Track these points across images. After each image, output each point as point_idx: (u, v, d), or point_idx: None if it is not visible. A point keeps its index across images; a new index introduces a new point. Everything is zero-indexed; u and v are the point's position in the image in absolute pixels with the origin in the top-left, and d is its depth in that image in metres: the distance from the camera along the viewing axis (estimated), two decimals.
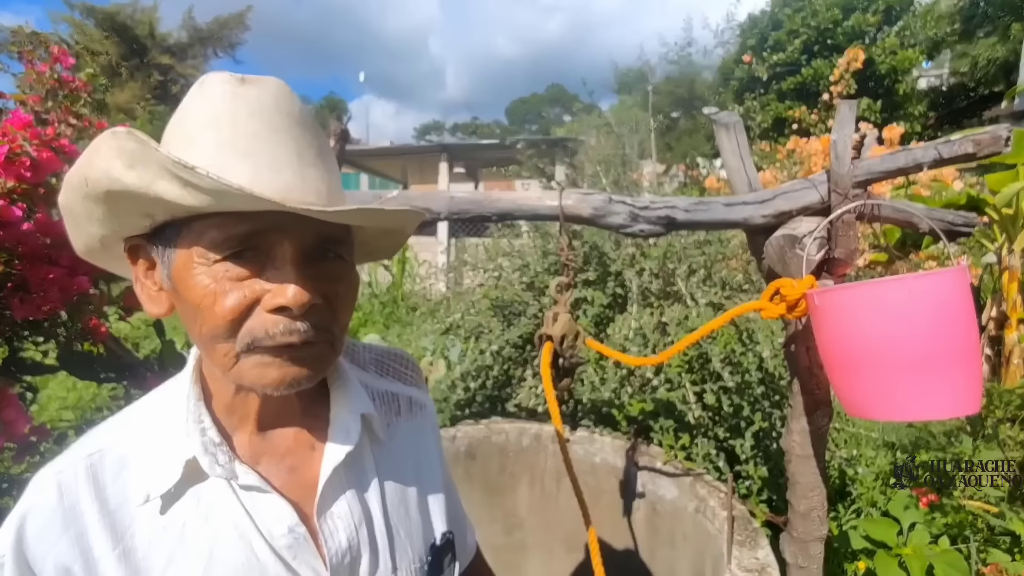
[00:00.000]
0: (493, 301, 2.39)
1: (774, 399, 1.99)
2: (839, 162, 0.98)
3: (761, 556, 1.30)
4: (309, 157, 0.48)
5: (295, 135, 0.48)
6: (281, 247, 0.46)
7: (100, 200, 0.46)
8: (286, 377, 0.48)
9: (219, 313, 0.45)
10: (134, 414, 0.55)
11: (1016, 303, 3.22)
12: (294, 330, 0.46)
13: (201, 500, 0.51)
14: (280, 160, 0.46)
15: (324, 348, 0.50)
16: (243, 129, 0.45)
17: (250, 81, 0.47)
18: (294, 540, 0.52)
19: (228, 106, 0.46)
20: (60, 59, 1.34)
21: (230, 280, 0.45)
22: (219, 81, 0.47)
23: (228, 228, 0.45)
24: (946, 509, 1.78)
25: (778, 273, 1.10)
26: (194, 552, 0.49)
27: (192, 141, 0.45)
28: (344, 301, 0.52)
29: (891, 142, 5.17)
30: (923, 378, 0.81)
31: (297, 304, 0.45)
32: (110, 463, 0.50)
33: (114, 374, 1.33)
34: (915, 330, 0.80)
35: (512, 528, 1.95)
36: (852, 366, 0.88)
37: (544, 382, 1.21)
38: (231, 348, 0.47)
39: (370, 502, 0.58)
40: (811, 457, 1.22)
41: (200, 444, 0.50)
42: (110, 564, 0.47)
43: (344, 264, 0.52)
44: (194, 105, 0.47)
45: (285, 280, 0.46)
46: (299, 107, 0.49)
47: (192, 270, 0.46)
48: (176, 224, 0.47)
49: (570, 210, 1.17)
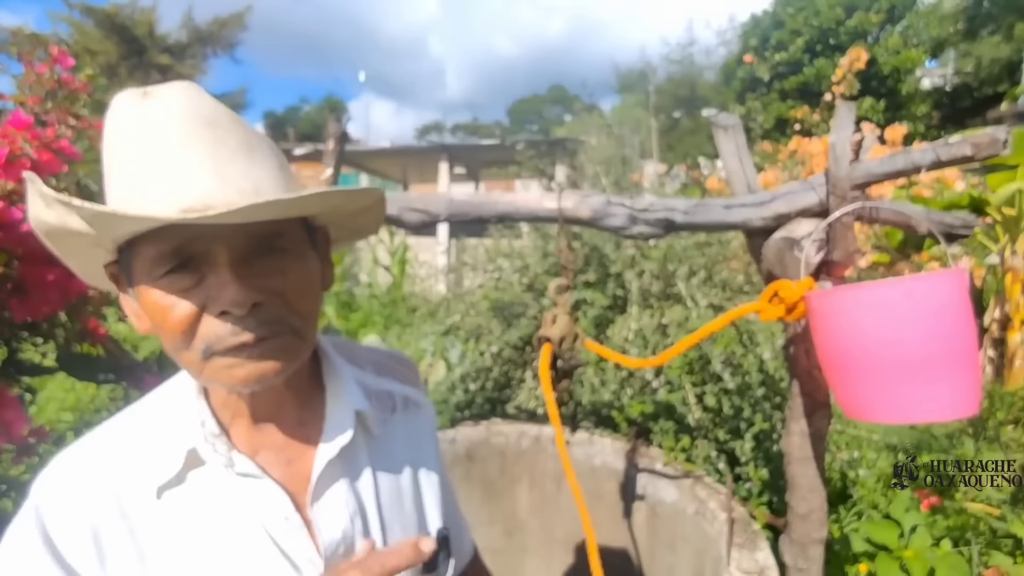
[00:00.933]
0: (493, 302, 2.39)
1: (775, 401, 1.99)
2: (837, 164, 0.98)
3: (761, 558, 1.30)
4: (225, 155, 0.48)
5: (205, 138, 0.47)
6: (215, 252, 0.47)
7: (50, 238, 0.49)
8: (253, 374, 0.49)
9: (171, 326, 0.47)
10: (141, 408, 0.58)
11: (1019, 304, 3.21)
12: (243, 330, 0.47)
13: (201, 488, 0.53)
14: (192, 167, 0.46)
15: (287, 339, 0.50)
16: (151, 146, 0.46)
17: (151, 94, 0.47)
18: (289, 527, 0.54)
19: (133, 124, 0.47)
20: (59, 60, 1.34)
21: (174, 293, 0.47)
22: (121, 101, 0.47)
23: (160, 245, 0.46)
24: (948, 512, 1.77)
25: (777, 275, 1.09)
26: (194, 537, 0.52)
27: (112, 168, 0.48)
28: (296, 291, 0.51)
29: (894, 143, 5.15)
30: (921, 380, 0.81)
31: (236, 306, 0.46)
32: (118, 453, 0.54)
33: (113, 375, 1.33)
34: (913, 332, 0.80)
35: (512, 531, 1.95)
36: (850, 368, 0.88)
37: (543, 384, 1.21)
38: (193, 356, 0.49)
39: (364, 495, 0.60)
40: (810, 459, 1.22)
41: (200, 435, 0.53)
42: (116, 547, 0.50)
43: (289, 255, 0.52)
44: (107, 130, 0.48)
45: (223, 284, 0.47)
46: (209, 107, 0.49)
47: (144, 287, 0.48)
48: (124, 249, 0.49)
49: (569, 212, 1.17)
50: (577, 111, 7.42)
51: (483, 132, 41.26)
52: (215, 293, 0.47)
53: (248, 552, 0.53)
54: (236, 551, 0.52)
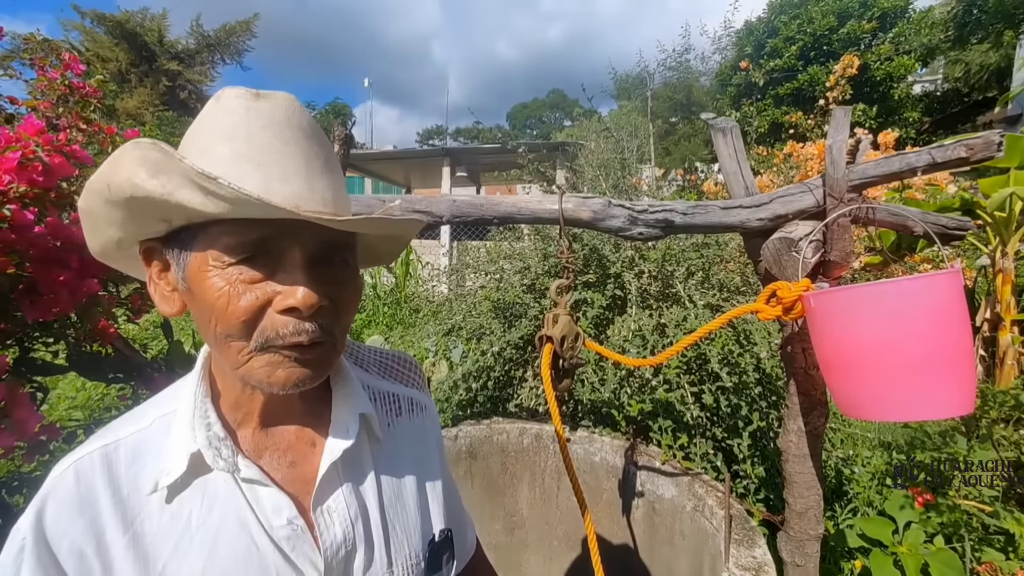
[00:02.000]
0: (494, 303, 2.41)
1: (771, 399, 2.01)
2: (834, 166, 1.01)
3: (758, 554, 1.32)
4: (316, 167, 0.51)
5: (303, 147, 0.50)
6: (291, 252, 0.49)
7: (121, 205, 0.48)
8: (291, 377, 0.50)
9: (233, 314, 0.48)
10: (148, 409, 0.58)
11: (1010, 305, 3.26)
12: (303, 330, 0.49)
13: (206, 491, 0.53)
14: (289, 170, 0.49)
15: (327, 349, 0.53)
16: (256, 141, 0.48)
17: (263, 96, 0.50)
18: (292, 532, 0.54)
19: (243, 119, 0.48)
20: (71, 66, 1.36)
21: (243, 283, 0.48)
22: (234, 96, 0.49)
23: (241, 234, 0.47)
24: (941, 508, 1.79)
25: (775, 275, 1.12)
26: (198, 540, 0.52)
27: (207, 152, 0.48)
28: (347, 304, 0.55)
29: (886, 147, 5.21)
30: (917, 379, 0.83)
31: (306, 305, 0.48)
32: (124, 454, 0.53)
33: (122, 375, 1.34)
34: (909, 331, 0.82)
35: (513, 527, 1.97)
36: (847, 367, 0.90)
37: (544, 383, 1.23)
38: (244, 347, 0.49)
39: (367, 498, 0.61)
40: (807, 456, 1.24)
41: (205, 438, 0.53)
42: (120, 548, 0.50)
43: (348, 269, 0.55)
44: (211, 118, 0.49)
45: (295, 283, 0.48)
46: (308, 120, 0.52)
47: (207, 272, 0.49)
48: (192, 228, 0.49)
49: (570, 213, 1.19)
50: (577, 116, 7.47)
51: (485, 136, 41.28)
52: (286, 290, 0.48)
53: (251, 556, 0.53)
54: (239, 555, 0.52)
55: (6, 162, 1.10)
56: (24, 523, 0.49)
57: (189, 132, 0.51)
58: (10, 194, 1.12)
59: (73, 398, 3.04)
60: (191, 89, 21.05)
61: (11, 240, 1.11)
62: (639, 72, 18.35)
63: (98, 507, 0.50)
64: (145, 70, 19.40)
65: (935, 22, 14.38)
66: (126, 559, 0.50)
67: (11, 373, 1.17)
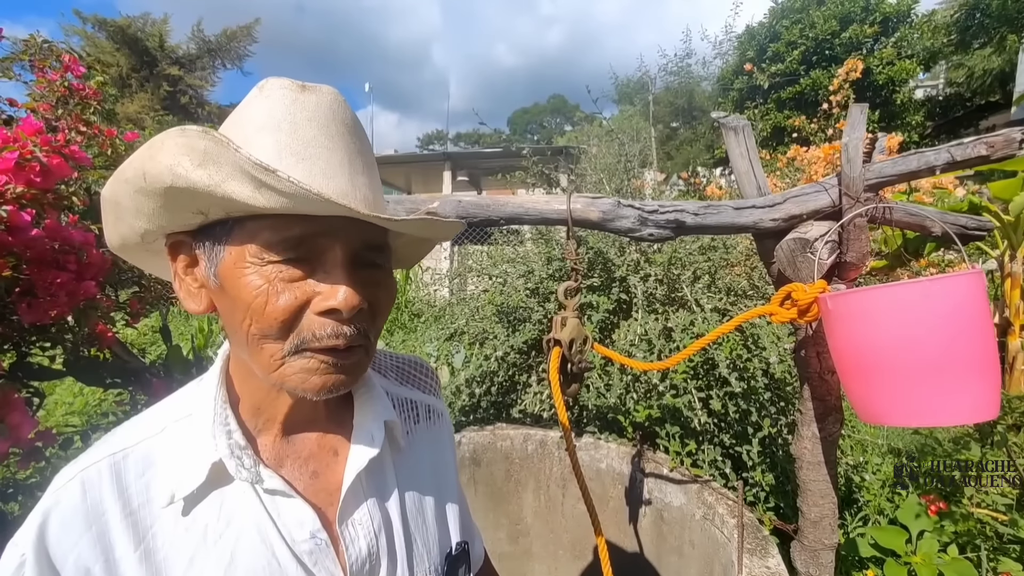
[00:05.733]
0: (497, 307, 2.39)
1: (780, 405, 1.98)
2: (851, 165, 0.98)
3: (772, 565, 1.29)
4: (359, 165, 0.50)
5: (347, 143, 0.49)
6: (332, 251, 0.47)
7: (156, 195, 0.45)
8: (327, 383, 0.48)
9: (271, 313, 0.45)
10: (158, 415, 0.55)
11: (1019, 309, 3.22)
12: (341, 333, 0.47)
13: (224, 503, 0.50)
14: (333, 166, 0.47)
15: (362, 355, 0.51)
16: (301, 134, 0.46)
17: (309, 88, 0.48)
18: (315, 546, 0.51)
19: (288, 110, 0.46)
20: (71, 68, 1.35)
21: (282, 281, 0.46)
22: (280, 86, 0.47)
23: (282, 230, 0.45)
24: (955, 517, 1.76)
25: (788, 277, 1.09)
26: (215, 555, 0.49)
27: (250, 143, 0.45)
28: (383, 307, 0.53)
29: (890, 151, 5.19)
30: (941, 382, 0.80)
31: (347, 307, 0.46)
32: (134, 463, 0.50)
33: (120, 380, 1.32)
34: (932, 333, 0.79)
35: (518, 535, 1.93)
36: (867, 371, 0.86)
37: (552, 387, 1.20)
38: (279, 349, 0.47)
39: (390, 510, 0.58)
40: (822, 464, 1.21)
41: (226, 447, 0.50)
42: (131, 564, 0.47)
43: (383, 271, 0.53)
44: (254, 107, 0.47)
45: (336, 283, 0.46)
46: (352, 117, 0.51)
47: (243, 269, 0.46)
48: (227, 223, 0.47)
49: (578, 214, 1.17)
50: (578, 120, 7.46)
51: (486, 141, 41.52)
52: (327, 290, 0.46)
53: (271, 571, 0.50)
54: (258, 570, 0.50)
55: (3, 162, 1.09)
56: (23, 538, 0.46)
57: (229, 121, 0.49)
58: (7, 195, 1.10)
59: (70, 404, 3.02)
60: (192, 94, 21.19)
61: (8, 242, 1.09)
62: (640, 77, 18.41)
63: (106, 521, 0.47)
64: (146, 75, 19.57)
65: (937, 26, 14.41)
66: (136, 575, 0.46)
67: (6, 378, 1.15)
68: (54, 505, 0.47)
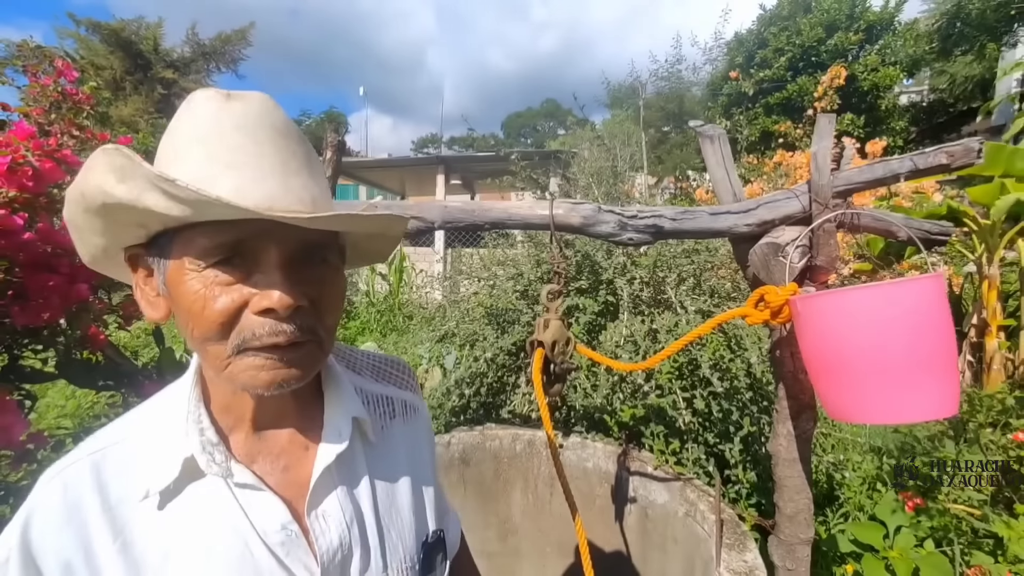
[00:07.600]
0: (488, 309, 2.42)
1: (762, 404, 2.03)
2: (819, 173, 1.02)
3: (749, 559, 1.32)
4: (293, 166, 0.51)
5: (279, 146, 0.50)
6: (267, 253, 0.49)
7: (97, 213, 0.48)
8: (276, 378, 0.50)
9: (209, 316, 0.47)
10: (139, 415, 0.57)
11: (996, 311, 3.30)
12: (280, 331, 0.48)
13: (198, 497, 0.52)
14: (264, 170, 0.48)
15: (311, 348, 0.52)
16: (228, 142, 0.47)
17: (235, 96, 0.49)
18: (287, 537, 0.53)
19: (214, 121, 0.48)
20: (64, 72, 1.36)
21: (219, 285, 0.48)
22: (205, 98, 0.49)
23: (215, 236, 0.47)
24: (931, 512, 1.81)
25: (762, 280, 1.14)
26: (191, 547, 0.51)
27: (180, 155, 0.48)
28: (329, 303, 0.54)
29: (874, 155, 5.29)
30: (901, 381, 0.83)
31: (282, 306, 0.48)
32: (112, 460, 0.52)
33: (113, 382, 1.33)
34: (894, 334, 0.82)
35: (506, 534, 1.96)
36: (833, 370, 0.90)
37: (536, 388, 1.23)
38: (222, 350, 0.49)
39: (361, 502, 0.60)
40: (797, 461, 1.25)
41: (198, 443, 0.52)
42: (110, 557, 0.49)
43: (328, 268, 0.54)
44: (182, 121, 0.49)
45: (271, 284, 0.48)
46: (283, 120, 0.52)
47: (184, 276, 0.48)
48: (169, 233, 0.49)
49: (560, 219, 1.20)
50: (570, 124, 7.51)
51: (479, 145, 41.58)
52: (262, 291, 0.48)
53: (245, 562, 0.52)
54: (232, 561, 0.51)
55: None
56: (9, 537, 0.48)
57: (164, 136, 0.51)
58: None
59: (62, 406, 3.00)
60: (186, 97, 20.98)
61: (0, 245, 1.11)
62: (631, 82, 18.55)
63: (86, 516, 0.49)
64: (140, 78, 19.38)
65: (920, 34, 14.67)
66: (116, 568, 0.49)
67: None
68: (37, 505, 0.49)
